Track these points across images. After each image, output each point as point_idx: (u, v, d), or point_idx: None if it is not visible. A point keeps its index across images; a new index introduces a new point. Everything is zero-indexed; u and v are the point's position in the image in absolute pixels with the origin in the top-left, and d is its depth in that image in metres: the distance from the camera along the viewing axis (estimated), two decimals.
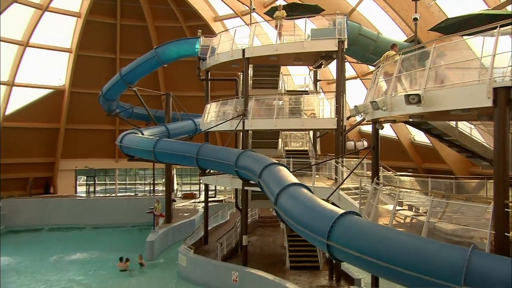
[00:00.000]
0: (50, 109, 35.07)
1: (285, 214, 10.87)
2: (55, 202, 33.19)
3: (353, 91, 26.44)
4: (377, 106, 10.29)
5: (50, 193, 36.23)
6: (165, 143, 20.32)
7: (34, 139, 34.93)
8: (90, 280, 19.88)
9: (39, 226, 30.56)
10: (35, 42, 32.46)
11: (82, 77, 34.80)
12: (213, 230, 24.32)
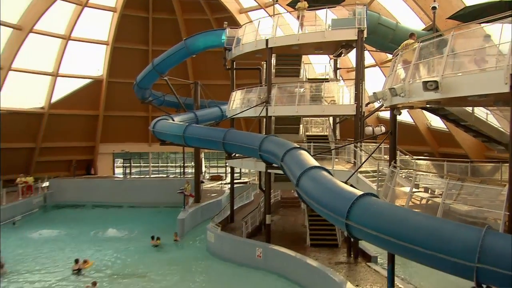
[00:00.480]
0: (90, 97, 35.66)
1: (306, 195, 10.81)
2: (95, 182, 33.98)
3: (371, 79, 25.95)
4: (396, 93, 10.05)
5: (91, 174, 37.11)
6: (194, 128, 20.39)
7: (76, 125, 35.70)
8: (125, 254, 20.20)
9: (82, 203, 31.20)
10: (76, 36, 32.91)
11: (118, 68, 35.20)
12: (238, 209, 24.43)
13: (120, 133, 37.26)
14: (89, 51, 35.00)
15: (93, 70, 35.63)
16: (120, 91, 35.11)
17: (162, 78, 26.82)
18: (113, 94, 35.87)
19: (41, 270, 18.08)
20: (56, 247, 21.35)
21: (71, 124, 35.19)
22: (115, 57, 35.14)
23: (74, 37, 32.81)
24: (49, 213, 29.41)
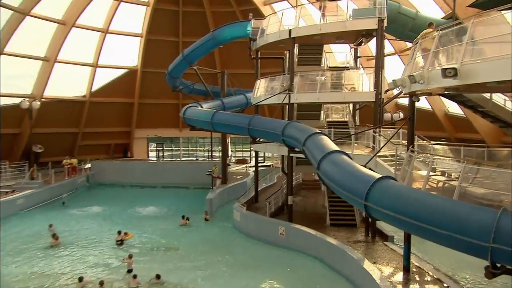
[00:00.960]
0: (126, 86, 36.09)
1: (327, 177, 10.72)
2: (132, 164, 34.62)
3: (391, 67, 25.32)
4: (415, 80, 9.78)
5: (128, 156, 37.71)
6: (221, 115, 20.43)
7: (114, 111, 36.28)
8: (160, 229, 20.57)
9: (119, 183, 31.81)
10: (113, 29, 33.26)
11: (151, 58, 35.44)
12: (262, 191, 24.51)
13: (153, 119, 37.69)
14: (125, 43, 35.35)
15: (129, 61, 35.99)
16: (153, 80, 35.45)
17: (191, 68, 26.94)
18: (147, 83, 36.24)
19: (88, 241, 18.71)
20: (100, 222, 22.02)
21: (109, 111, 35.80)
22: (148, 48, 35.40)
23: (111, 30, 33.18)
24: (91, 192, 30.19)
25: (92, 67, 33.54)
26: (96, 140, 36.21)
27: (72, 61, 32.24)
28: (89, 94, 34.08)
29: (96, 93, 34.59)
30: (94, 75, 33.91)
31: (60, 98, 32.62)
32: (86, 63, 33.22)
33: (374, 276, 11.98)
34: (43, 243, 18.21)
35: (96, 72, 33.93)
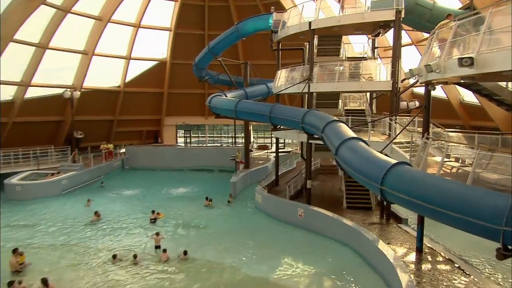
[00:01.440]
0: (156, 77, 36.40)
1: (344, 163, 10.62)
2: (162, 149, 34.97)
3: (407, 57, 24.65)
4: (431, 69, 9.49)
5: (158, 142, 38.27)
6: (244, 103, 20.39)
7: (145, 100, 36.72)
8: (188, 209, 20.88)
9: (151, 167, 32.18)
10: (144, 24, 33.49)
11: (179, 51, 35.58)
12: (282, 175, 24.49)
13: (181, 108, 37.97)
14: (155, 37, 35.52)
15: (159, 53, 36.20)
16: (181, 71, 35.62)
17: (216, 59, 26.90)
18: (175, 74, 36.45)
19: (125, 218, 19.23)
20: (134, 202, 22.57)
21: (141, 100, 36.27)
22: (176, 41, 35.54)
23: (143, 25, 33.44)
24: (126, 175, 30.75)
25: (125, 60, 34.00)
26: (130, 127, 36.88)
27: (108, 54, 32.71)
28: (123, 85, 34.63)
29: (129, 84, 35.10)
30: (128, 67, 34.38)
31: (98, 88, 33.25)
32: (120, 55, 33.65)
33: (388, 255, 11.88)
34: (85, 220, 18.85)
35: (129, 64, 34.38)
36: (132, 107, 35.60)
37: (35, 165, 26.39)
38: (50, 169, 26.24)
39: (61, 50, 29.00)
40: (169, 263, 13.57)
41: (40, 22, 26.67)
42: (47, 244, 15.61)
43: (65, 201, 22.48)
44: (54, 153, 28.68)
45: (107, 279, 12.48)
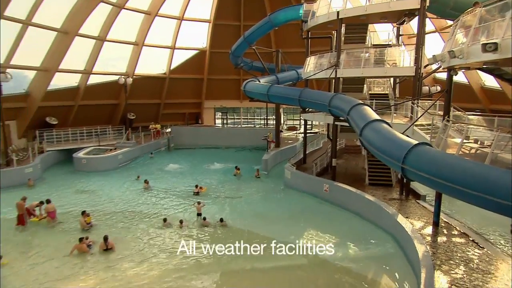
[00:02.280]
0: (197, 64, 36.57)
1: (368, 143, 10.42)
2: (202, 129, 35.49)
3: (430, 44, 23.43)
4: (454, 55, 9.04)
5: (199, 123, 38.74)
6: (276, 88, 20.26)
7: (187, 86, 37.07)
8: (227, 182, 21.15)
9: (193, 145, 32.73)
10: (187, 16, 33.55)
11: (217, 41, 35.47)
12: (310, 154, 24.28)
13: (219, 92, 38.13)
14: (196, 28, 35.53)
15: (199, 43, 36.28)
16: (219, 59, 35.52)
17: (251, 48, 26.67)
18: (214, 62, 36.46)
19: (172, 189, 19.79)
20: (178, 175, 23.09)
21: (184, 86, 36.65)
22: (215, 32, 35.40)
23: (186, 18, 33.49)
24: (172, 151, 31.45)
25: (171, 49, 34.36)
26: (174, 109, 37.51)
27: (156, 45, 33.17)
28: (168, 72, 35.15)
29: (174, 71, 35.52)
30: (172, 56, 34.73)
31: (147, 75, 33.95)
32: (166, 46, 34.02)
33: (406, 228, 11.73)
34: (138, 189, 19.67)
35: (174, 53, 34.71)
36: (176, 91, 36.14)
37: (96, 142, 27.68)
38: (108, 145, 27.43)
39: (116, 41, 29.75)
40: (208, 228, 13.99)
41: (99, 18, 27.39)
42: (108, 208, 16.43)
43: (121, 173, 23.48)
44: (111, 131, 29.92)
45: (158, 238, 13.07)
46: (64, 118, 28.87)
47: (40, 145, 25.07)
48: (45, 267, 11.03)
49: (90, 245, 12.09)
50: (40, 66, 25.25)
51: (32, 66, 24.93)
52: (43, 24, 23.53)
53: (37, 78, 25.64)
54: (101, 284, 10.08)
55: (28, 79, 25.58)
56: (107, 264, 11.21)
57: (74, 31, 25.33)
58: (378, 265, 11.01)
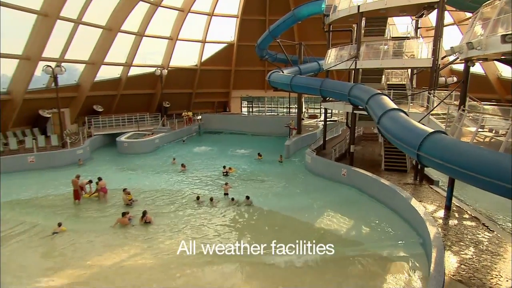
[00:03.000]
0: (225, 57, 36.55)
1: (385, 130, 10.17)
2: (229, 117, 35.67)
3: (447, 36, 22.30)
4: (472, 46, 8.63)
5: (227, 111, 38.99)
6: (298, 78, 20.05)
7: (216, 76, 37.18)
8: (252, 166, 21.44)
9: (221, 130, 33.04)
10: (217, 12, 33.44)
11: (244, 34, 35.22)
12: (329, 140, 24.05)
13: (245, 83, 38.05)
14: (225, 23, 35.41)
15: (228, 37, 36.20)
16: (245, 52, 35.39)
17: (275, 41, 26.37)
18: (241, 54, 36.29)
19: (203, 170, 20.30)
20: (208, 158, 23.38)
21: (213, 76, 36.78)
22: (242, 26, 35.15)
23: (215, 13, 33.39)
24: (202, 136, 31.83)
25: (201, 43, 34.50)
26: (204, 98, 37.88)
27: (188, 39, 33.38)
28: (199, 64, 35.41)
29: (204, 63, 35.71)
30: (203, 49, 34.88)
31: (180, 67, 34.31)
32: (197, 40, 34.19)
33: (419, 211, 11.56)
34: (173, 170, 20.21)
35: (204, 46, 34.83)
36: (206, 82, 36.41)
37: (136, 127, 28.61)
38: (146, 130, 28.30)
39: (153, 36, 30.22)
40: (235, 206, 14.26)
41: (138, 15, 27.84)
42: (147, 186, 17.05)
43: (157, 155, 24.20)
44: (149, 118, 30.78)
45: (191, 215, 13.53)
46: (108, 106, 29.94)
47: (88, 130, 26.25)
48: (93, 235, 11.69)
49: (131, 219, 12.62)
50: (88, 60, 26.18)
51: (81, 60, 25.88)
52: (91, 22, 24.27)
53: (86, 70, 26.63)
54: (138, 253, 10.51)
55: (78, 72, 26.64)
56: (144, 236, 11.64)
57: (117, 28, 25.95)
58: (391, 245, 10.94)
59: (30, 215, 13.29)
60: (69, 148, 21.51)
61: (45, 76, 22.38)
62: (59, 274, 9.43)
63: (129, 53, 29.24)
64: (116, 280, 9.05)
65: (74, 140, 23.50)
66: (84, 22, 23.52)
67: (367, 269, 9.56)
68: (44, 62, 21.56)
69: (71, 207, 14.40)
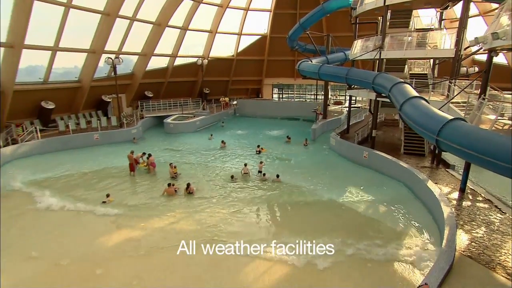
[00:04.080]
0: (259, 47, 36.19)
1: (407, 117, 9.83)
2: (262, 102, 35.58)
3: (470, 27, 20.61)
4: (497, 37, 8.10)
5: (259, 97, 38.94)
6: (326, 67, 19.61)
7: (250, 66, 37.02)
8: (277, 146, 21.37)
9: (254, 115, 33.25)
10: (252, 7, 33.00)
11: (276, 27, 34.55)
12: (352, 125, 23.50)
13: (276, 71, 37.66)
14: (259, 17, 34.88)
15: (261, 29, 35.70)
16: (277, 43, 34.84)
17: (305, 33, 25.73)
18: (273, 45, 35.77)
19: (238, 149, 20.66)
20: (243, 139, 23.69)
21: (248, 65, 36.67)
22: (275, 19, 34.43)
23: (251, 8, 32.97)
24: (237, 120, 32.08)
25: (238, 35, 34.40)
26: (239, 85, 38.00)
27: (226, 32, 33.39)
28: (235, 54, 35.44)
29: (240, 53, 35.63)
30: (239, 41, 34.79)
31: (218, 57, 34.59)
32: (234, 32, 34.09)
33: (434, 192, 11.31)
34: (212, 148, 20.80)
35: (240, 38, 34.71)
36: (241, 70, 36.45)
37: (180, 111, 29.58)
38: (189, 113, 29.16)
39: (196, 30, 30.58)
40: (267, 183, 14.55)
41: (183, 11, 28.16)
42: (189, 162, 17.82)
43: (198, 135, 24.94)
44: (191, 103, 31.63)
45: (229, 186, 14.10)
46: (157, 92, 31.13)
47: (141, 113, 27.59)
48: (144, 202, 12.48)
49: (176, 190, 13.26)
50: (141, 52, 27.17)
51: (135, 52, 26.92)
52: (144, 19, 25.01)
53: (139, 61, 27.71)
54: (183, 219, 11.14)
55: (133, 62, 27.78)
56: (188, 204, 12.21)
57: (165, 23, 26.55)
58: (407, 222, 10.82)
59: (95, 184, 14.42)
60: (125, 128, 22.85)
61: (106, 66, 23.65)
62: (117, 233, 10.31)
63: (174, 45, 29.91)
64: (161, 240, 9.73)
65: (129, 121, 24.88)
66: (138, 19, 24.31)
67: (382, 243, 9.49)
68: (106, 54, 22.76)
69: (126, 178, 15.37)
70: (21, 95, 19.48)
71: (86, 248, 9.33)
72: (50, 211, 11.57)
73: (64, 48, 20.67)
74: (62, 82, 22.55)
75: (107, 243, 9.61)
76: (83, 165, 16.84)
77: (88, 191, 13.46)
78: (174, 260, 8.62)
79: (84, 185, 14.18)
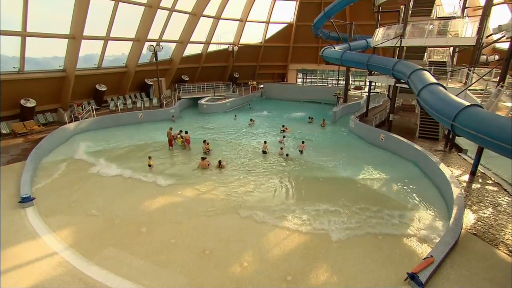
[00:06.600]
0: (285, 35, 35.30)
1: (424, 102, 9.47)
2: (287, 86, 34.83)
3: (494, 16, 18.58)
4: None
5: (284, 81, 38.37)
6: (348, 54, 18.92)
7: (276, 52, 36.34)
8: (300, 127, 21.26)
9: (279, 98, 32.92)
10: None
11: (302, 15, 33.32)
12: (371, 109, 22.83)
13: (301, 57, 36.74)
14: (286, 6, 33.69)
15: (288, 18, 34.59)
16: (302, 31, 33.82)
17: (329, 21, 24.64)
18: (299, 33, 34.71)
19: (264, 128, 20.84)
20: (269, 119, 23.73)
21: (274, 52, 36.08)
22: (300, 8, 33.14)
23: None
24: (264, 102, 31.87)
25: (266, 23, 33.63)
26: (266, 70, 37.66)
27: (255, 20, 32.74)
28: (263, 41, 34.83)
29: (267, 40, 35.04)
30: (267, 28, 34.05)
31: (248, 44, 34.23)
32: (262, 21, 33.36)
33: (446, 174, 11.02)
34: (241, 126, 21.07)
35: (268, 26, 33.92)
36: (268, 56, 35.94)
37: (212, 93, 30.02)
38: (220, 95, 29.54)
39: (227, 19, 30.25)
40: (289, 158, 14.65)
41: (216, 2, 27.80)
42: (222, 138, 18.24)
43: (228, 115, 25.33)
44: (222, 86, 31.89)
45: (255, 161, 14.43)
46: (192, 76, 31.68)
47: (178, 94, 28.37)
48: (181, 173, 13.06)
49: (209, 164, 13.63)
50: (178, 39, 27.52)
51: (173, 39, 27.31)
52: (181, 10, 25.10)
53: (176, 48, 28.14)
54: (214, 188, 11.58)
55: (171, 49, 28.27)
56: (218, 176, 12.47)
57: (199, 13, 26.49)
58: (418, 200, 10.65)
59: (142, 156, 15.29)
60: (165, 108, 23.74)
61: (148, 53, 24.34)
62: (159, 198, 10.92)
63: (208, 33, 29.91)
64: (195, 205, 10.33)
65: (168, 102, 25.76)
66: (176, 10, 24.46)
67: (393, 218, 9.47)
68: (148, 42, 23.35)
69: (166, 151, 16.07)
70: (80, 79, 20.77)
71: (134, 210, 9.98)
72: (106, 177, 12.56)
73: (114, 37, 21.47)
74: (112, 68, 23.64)
75: (151, 207, 10.22)
76: (130, 139, 17.95)
77: (135, 162, 14.32)
78: (206, 223, 9.17)
79: (132, 156, 15.16)
